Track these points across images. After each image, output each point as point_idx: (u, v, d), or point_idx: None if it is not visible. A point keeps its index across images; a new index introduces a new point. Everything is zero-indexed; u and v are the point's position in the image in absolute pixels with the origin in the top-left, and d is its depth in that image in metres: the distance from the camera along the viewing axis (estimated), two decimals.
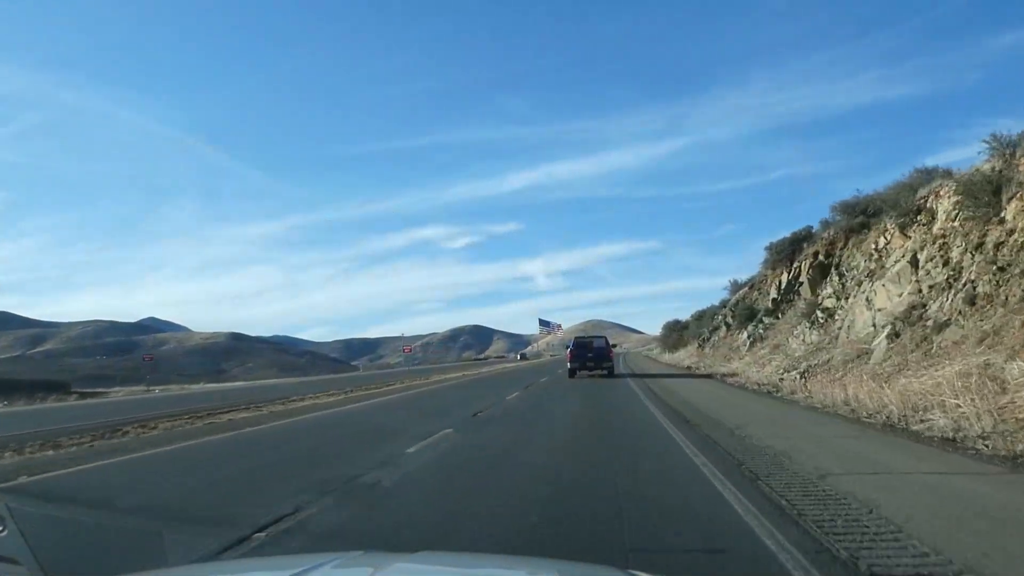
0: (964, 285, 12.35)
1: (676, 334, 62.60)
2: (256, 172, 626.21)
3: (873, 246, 19.44)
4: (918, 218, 16.61)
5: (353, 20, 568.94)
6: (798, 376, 15.88)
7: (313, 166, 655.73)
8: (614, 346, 38.38)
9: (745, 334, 29.83)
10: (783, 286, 28.29)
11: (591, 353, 31.39)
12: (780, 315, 27.19)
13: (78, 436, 10.75)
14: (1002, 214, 12.44)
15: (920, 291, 14.30)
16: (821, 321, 20.79)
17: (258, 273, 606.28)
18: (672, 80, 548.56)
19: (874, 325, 15.96)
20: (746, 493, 5.14)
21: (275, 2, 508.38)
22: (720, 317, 40.58)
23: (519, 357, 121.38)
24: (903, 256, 16.30)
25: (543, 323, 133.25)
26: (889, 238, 18.38)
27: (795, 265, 27.85)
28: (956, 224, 14.14)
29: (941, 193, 15.80)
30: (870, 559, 3.50)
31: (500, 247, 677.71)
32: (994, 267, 11.63)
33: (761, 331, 27.97)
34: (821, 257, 24.78)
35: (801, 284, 26.13)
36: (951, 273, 13.37)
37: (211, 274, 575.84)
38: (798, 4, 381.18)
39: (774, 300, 28.57)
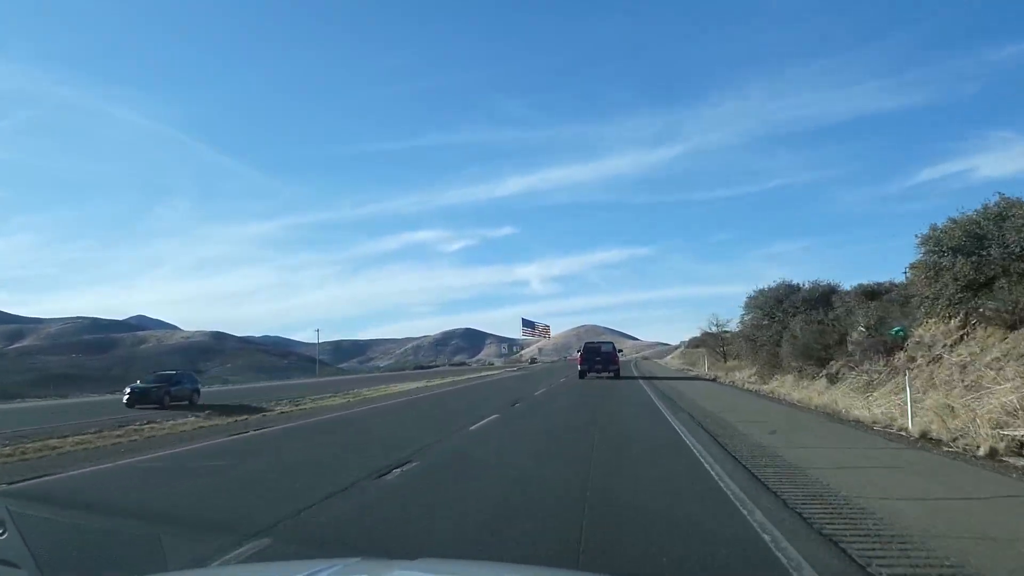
0: None
1: (779, 331, 25.44)
2: (252, 171, 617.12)
3: None
4: None
5: (349, 20, 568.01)
6: None
7: (309, 166, 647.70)
8: (620, 351, 40.06)
9: None
10: None
11: (599, 357, 34.67)
12: None
13: None
14: None
15: None
16: None
17: (252, 273, 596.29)
18: (670, 85, 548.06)
19: None
20: None
21: (271, 0, 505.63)
22: None
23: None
24: None
25: (527, 323, 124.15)
26: None
27: None
28: None
29: None
30: None
31: (495, 251, 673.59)
32: None
33: None
34: None
35: None
36: None
37: (205, 273, 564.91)
38: (797, 11, 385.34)
39: None
